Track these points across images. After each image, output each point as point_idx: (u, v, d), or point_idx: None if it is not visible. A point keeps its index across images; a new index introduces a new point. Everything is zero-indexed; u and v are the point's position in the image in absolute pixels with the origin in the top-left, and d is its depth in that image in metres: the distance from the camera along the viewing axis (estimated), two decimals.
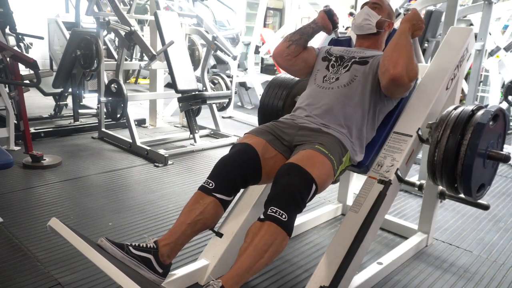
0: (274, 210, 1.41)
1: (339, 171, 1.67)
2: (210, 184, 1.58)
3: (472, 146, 1.60)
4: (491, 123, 1.67)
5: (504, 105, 4.54)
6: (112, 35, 5.27)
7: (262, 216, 1.44)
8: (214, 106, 4.30)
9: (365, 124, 1.77)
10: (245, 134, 1.77)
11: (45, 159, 3.20)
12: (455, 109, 1.76)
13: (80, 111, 4.50)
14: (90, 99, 5.08)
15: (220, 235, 1.89)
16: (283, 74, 2.26)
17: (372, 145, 1.83)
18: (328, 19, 1.96)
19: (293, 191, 1.44)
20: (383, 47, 1.99)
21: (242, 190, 1.79)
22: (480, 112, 1.68)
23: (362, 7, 1.98)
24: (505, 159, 1.70)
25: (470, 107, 1.73)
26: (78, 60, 4.05)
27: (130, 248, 1.46)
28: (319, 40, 5.18)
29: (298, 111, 1.85)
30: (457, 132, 1.65)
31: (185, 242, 1.56)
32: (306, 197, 1.48)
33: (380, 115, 1.83)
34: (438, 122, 1.72)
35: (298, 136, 1.71)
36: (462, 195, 1.79)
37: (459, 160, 1.62)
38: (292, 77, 2.20)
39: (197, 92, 3.72)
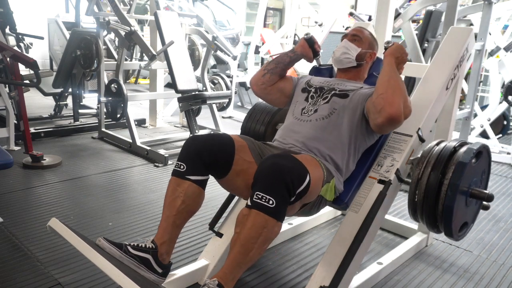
0: (260, 196, 1.33)
1: (324, 190, 1.60)
2: (182, 167, 1.53)
3: (453, 186, 1.53)
4: (473, 160, 1.60)
5: (504, 105, 4.55)
6: (112, 35, 5.27)
7: (249, 202, 1.37)
8: (214, 106, 4.29)
9: (344, 158, 1.70)
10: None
11: (45, 159, 3.20)
12: (437, 144, 1.69)
13: (80, 111, 4.49)
14: (90, 99, 5.08)
15: (220, 235, 1.89)
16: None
17: (351, 180, 1.75)
18: (308, 47, 1.90)
19: (283, 173, 1.35)
20: (365, 77, 1.93)
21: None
22: (462, 150, 1.61)
23: (342, 39, 1.92)
24: (488, 198, 1.63)
25: (452, 144, 1.65)
26: (78, 60, 4.05)
27: (129, 247, 1.45)
28: (321, 38, 5.18)
29: (275, 142, 1.79)
30: (438, 171, 1.58)
31: (178, 233, 1.56)
32: (297, 185, 1.37)
33: (360, 149, 1.76)
34: (420, 159, 1.66)
35: None
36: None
37: (440, 200, 1.56)
38: None
39: (197, 92, 3.72)
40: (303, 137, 1.71)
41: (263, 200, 1.33)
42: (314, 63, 2.04)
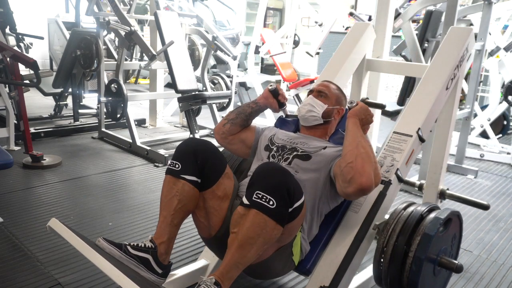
0: (260, 195, 1.29)
1: (296, 240, 1.52)
2: (177, 166, 1.52)
3: (418, 260, 1.46)
4: (441, 229, 1.53)
5: (504, 105, 4.55)
6: (112, 35, 5.27)
7: (245, 201, 1.32)
8: (214, 106, 4.29)
9: (306, 222, 1.59)
10: None
11: (45, 159, 3.20)
12: (405, 208, 1.62)
13: (80, 111, 4.50)
14: (90, 99, 5.08)
15: None
16: None
17: (315, 244, 1.65)
18: (273, 99, 1.82)
19: (287, 177, 1.32)
20: (332, 132, 1.83)
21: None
22: (430, 217, 1.53)
23: (308, 94, 1.84)
24: (457, 269, 1.55)
25: (421, 209, 1.58)
26: (78, 60, 4.05)
27: (128, 248, 1.45)
28: (321, 38, 5.18)
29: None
30: (403, 241, 1.50)
31: (176, 232, 1.55)
32: (297, 197, 1.35)
33: (323, 212, 1.65)
34: (385, 224, 1.58)
35: None
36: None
37: (405, 273, 1.49)
38: None
39: (197, 92, 3.72)
40: None
41: (264, 199, 1.29)
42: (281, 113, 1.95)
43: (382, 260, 1.55)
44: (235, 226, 1.35)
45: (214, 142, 1.79)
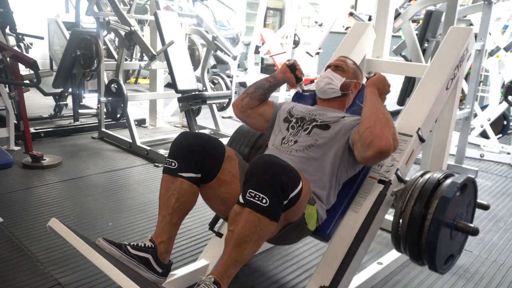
0: (253, 194, 1.30)
1: (308, 212, 1.54)
2: (173, 164, 1.51)
3: (437, 221, 1.50)
4: (458, 194, 1.56)
5: (504, 105, 4.55)
6: (112, 35, 5.27)
7: (241, 200, 1.34)
8: (214, 106, 4.29)
9: (325, 190, 1.64)
10: None
11: (45, 159, 3.20)
12: (421, 176, 1.65)
13: (80, 111, 4.49)
14: (90, 99, 5.08)
15: (220, 235, 1.89)
16: None
17: (334, 211, 1.69)
18: (290, 73, 1.86)
19: (279, 172, 1.32)
20: (349, 104, 1.89)
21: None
22: (446, 182, 1.57)
23: (325, 69, 1.90)
24: (473, 232, 1.59)
25: (437, 175, 1.62)
26: (78, 60, 4.05)
27: (128, 247, 1.45)
28: (321, 38, 5.18)
29: None
30: (422, 204, 1.54)
31: (176, 231, 1.55)
32: (291, 188, 1.35)
33: (341, 181, 1.70)
34: (403, 190, 1.62)
35: None
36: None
37: (423, 234, 1.52)
38: None
39: (197, 92, 3.72)
40: None
41: (256, 198, 1.30)
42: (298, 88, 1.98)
43: (400, 224, 1.59)
44: (231, 224, 1.36)
45: None
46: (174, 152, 1.54)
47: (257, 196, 1.30)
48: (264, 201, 1.30)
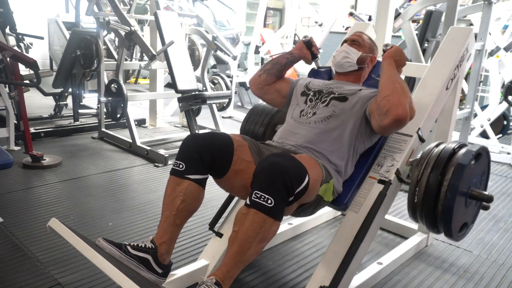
0: (259, 195, 1.33)
1: (323, 190, 1.60)
2: (181, 166, 1.52)
3: (453, 187, 1.54)
4: (472, 162, 1.61)
5: (504, 105, 4.55)
6: (112, 35, 5.27)
7: (247, 201, 1.37)
8: (214, 106, 4.29)
9: (343, 160, 1.70)
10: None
11: (45, 159, 3.20)
12: (436, 146, 1.70)
13: (80, 111, 4.49)
14: (90, 99, 5.08)
15: (220, 235, 1.89)
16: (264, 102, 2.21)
17: (351, 181, 1.75)
18: (307, 50, 1.92)
19: (283, 173, 1.35)
20: (365, 78, 1.94)
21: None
22: (461, 151, 1.62)
23: (341, 44, 1.93)
24: (487, 199, 1.64)
25: (452, 145, 1.66)
26: (78, 60, 4.05)
27: (128, 247, 1.45)
28: (321, 38, 5.18)
29: (274, 143, 1.79)
30: (438, 172, 1.58)
31: (178, 233, 1.55)
32: (296, 185, 1.38)
33: (358, 151, 1.76)
34: (419, 160, 1.66)
35: None
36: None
37: (440, 201, 1.57)
38: None
39: (197, 92, 3.72)
40: (302, 139, 1.71)
41: (262, 199, 1.33)
42: (313, 65, 2.04)
43: (416, 192, 1.63)
44: (236, 225, 1.37)
45: None
46: (182, 154, 1.55)
47: (263, 197, 1.33)
48: (269, 201, 1.33)
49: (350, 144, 1.71)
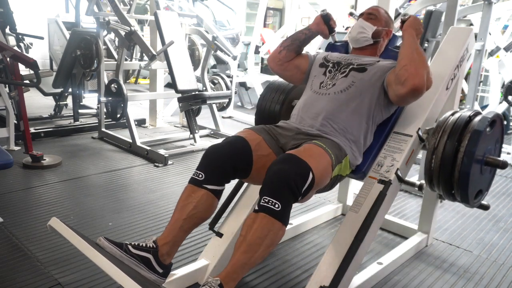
0: (267, 200, 1.38)
1: (337, 171, 1.64)
2: (200, 176, 1.56)
3: (469, 153, 1.58)
4: (488, 129, 1.65)
5: (504, 105, 4.55)
6: (112, 35, 5.27)
7: (256, 207, 1.42)
8: (214, 106, 4.30)
9: (362, 130, 1.74)
10: (244, 129, 1.77)
11: (45, 159, 3.20)
12: (452, 114, 1.74)
13: (80, 111, 4.49)
14: (90, 99, 5.08)
15: (220, 235, 1.89)
16: (280, 79, 2.25)
17: (369, 151, 1.80)
18: (324, 24, 1.95)
19: (287, 178, 1.40)
20: (381, 52, 1.97)
21: (236, 181, 1.77)
22: (477, 118, 1.66)
23: (358, 18, 1.97)
24: (502, 165, 1.68)
25: (467, 113, 1.70)
26: (78, 60, 4.05)
27: (129, 247, 1.45)
28: (317, 43, 5.18)
29: (294, 117, 1.83)
30: (454, 139, 1.63)
31: (183, 238, 1.56)
32: (301, 185, 1.43)
33: (376, 121, 1.81)
34: (436, 128, 1.70)
35: (295, 140, 1.71)
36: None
37: (456, 167, 1.61)
38: None
39: (197, 92, 3.72)
40: (322, 110, 1.74)
41: (270, 203, 1.37)
42: (330, 39, 2.08)
43: (433, 160, 1.67)
44: (244, 229, 1.41)
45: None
46: (203, 165, 1.59)
47: (271, 201, 1.38)
48: (276, 206, 1.37)
49: (369, 114, 1.75)
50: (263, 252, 1.39)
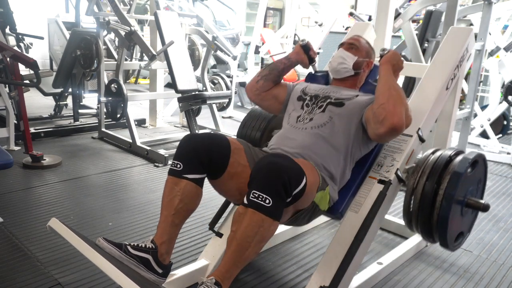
0: (256, 195, 1.32)
1: (319, 197, 1.58)
2: (178, 166, 1.52)
3: (448, 196, 1.52)
4: (469, 170, 1.58)
5: (504, 105, 4.55)
6: (112, 35, 5.27)
7: (245, 201, 1.35)
8: (214, 106, 4.29)
9: (340, 167, 1.68)
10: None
11: (45, 159, 3.20)
12: (433, 153, 1.68)
13: (80, 111, 4.49)
14: (90, 99, 5.08)
15: (220, 235, 1.89)
16: None
17: (347, 189, 1.72)
18: (304, 54, 1.90)
19: (280, 172, 1.34)
20: (361, 84, 1.91)
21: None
22: (458, 159, 1.60)
23: (338, 48, 1.91)
24: (484, 208, 1.61)
25: (448, 152, 1.64)
26: (78, 60, 4.05)
27: (129, 247, 1.45)
28: (321, 38, 5.18)
29: (272, 147, 1.76)
30: (434, 180, 1.57)
31: (177, 232, 1.55)
32: (295, 185, 1.36)
33: (355, 158, 1.74)
34: (415, 168, 1.64)
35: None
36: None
37: (435, 210, 1.55)
38: None
39: (197, 92, 3.72)
40: (298, 145, 1.68)
41: (260, 199, 1.32)
42: (310, 69, 2.02)
43: (412, 201, 1.61)
44: (234, 225, 1.37)
45: None
46: (179, 154, 1.55)
47: (261, 196, 1.32)
48: (267, 201, 1.32)
49: (347, 151, 1.69)
50: (254, 248, 1.36)
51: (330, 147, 1.67)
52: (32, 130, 3.66)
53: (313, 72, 2.05)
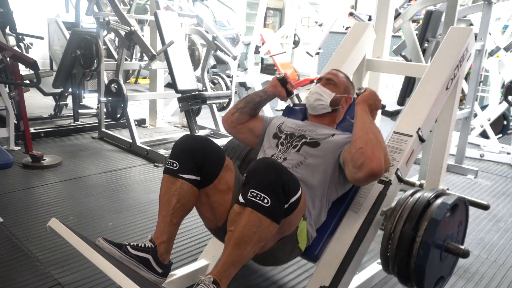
0: (255, 194, 1.29)
1: (301, 228, 1.53)
2: (174, 165, 1.50)
3: (425, 245, 1.46)
4: (448, 215, 1.53)
5: (504, 105, 4.55)
6: (112, 35, 5.27)
7: (241, 199, 1.33)
8: (214, 106, 4.29)
9: (315, 209, 1.61)
10: None
11: (45, 159, 3.20)
12: (412, 195, 1.63)
13: (80, 111, 4.50)
14: (90, 99, 5.08)
15: None
16: None
17: (323, 231, 1.66)
18: (281, 87, 1.84)
19: (281, 173, 1.32)
20: (340, 120, 1.84)
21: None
22: (436, 203, 1.54)
23: (316, 83, 1.84)
24: (463, 254, 1.55)
25: (428, 194, 1.59)
26: (78, 60, 4.05)
27: (128, 247, 1.45)
28: (321, 38, 5.18)
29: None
30: (411, 226, 1.50)
31: (175, 231, 1.54)
32: (292, 192, 1.34)
33: (331, 199, 1.67)
34: (392, 211, 1.59)
35: None
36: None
37: (412, 258, 1.49)
38: None
39: (197, 92, 3.72)
40: None
41: (258, 198, 1.30)
42: (288, 102, 1.97)
43: (389, 246, 1.55)
44: (231, 224, 1.36)
45: (215, 141, 1.78)
46: (175, 153, 1.54)
47: (259, 195, 1.30)
48: (265, 201, 1.29)
49: (323, 193, 1.62)
50: (252, 248, 1.34)
51: (305, 186, 1.58)
52: (32, 130, 3.66)
53: (291, 105, 1.98)
